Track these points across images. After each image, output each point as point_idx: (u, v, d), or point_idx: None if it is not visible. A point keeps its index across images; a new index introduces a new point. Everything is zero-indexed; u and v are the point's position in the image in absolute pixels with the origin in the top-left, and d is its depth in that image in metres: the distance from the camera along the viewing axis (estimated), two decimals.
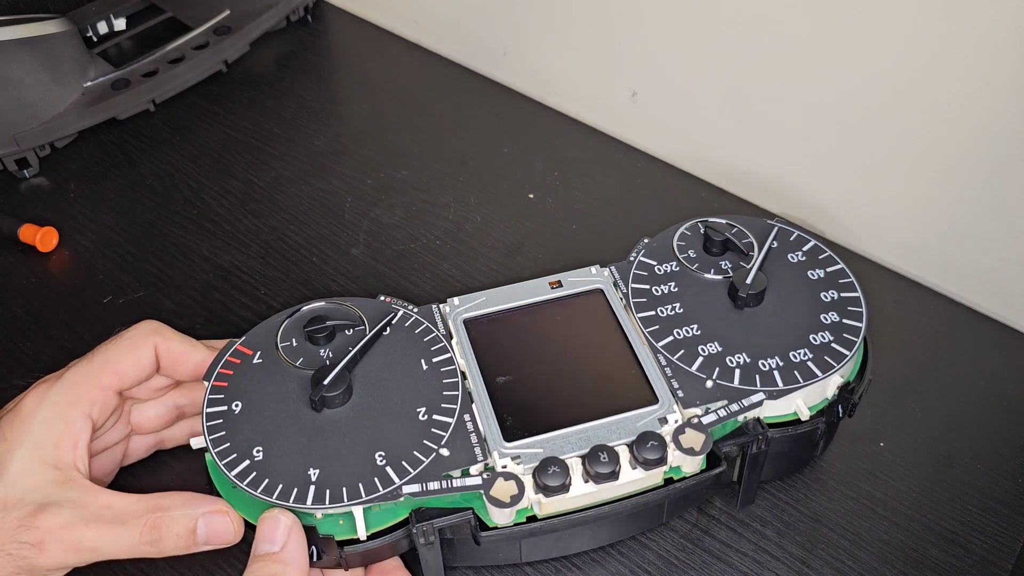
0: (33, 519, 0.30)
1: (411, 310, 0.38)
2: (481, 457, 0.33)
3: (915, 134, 0.46)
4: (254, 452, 0.32)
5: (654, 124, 0.56)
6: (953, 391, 0.44)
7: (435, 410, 0.34)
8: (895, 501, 0.39)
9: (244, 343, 0.36)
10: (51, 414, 0.33)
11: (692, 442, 0.33)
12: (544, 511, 0.33)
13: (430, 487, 0.32)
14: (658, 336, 0.37)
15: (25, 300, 0.47)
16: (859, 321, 0.37)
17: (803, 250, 0.40)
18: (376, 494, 0.31)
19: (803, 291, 0.38)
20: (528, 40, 0.59)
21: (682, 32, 0.51)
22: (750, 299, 0.37)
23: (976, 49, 0.41)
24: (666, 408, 0.34)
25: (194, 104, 0.58)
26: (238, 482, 0.32)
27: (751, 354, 0.36)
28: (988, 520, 0.38)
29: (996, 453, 0.41)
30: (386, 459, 0.32)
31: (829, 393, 0.36)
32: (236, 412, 0.34)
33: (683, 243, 0.41)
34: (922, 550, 0.37)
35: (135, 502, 0.32)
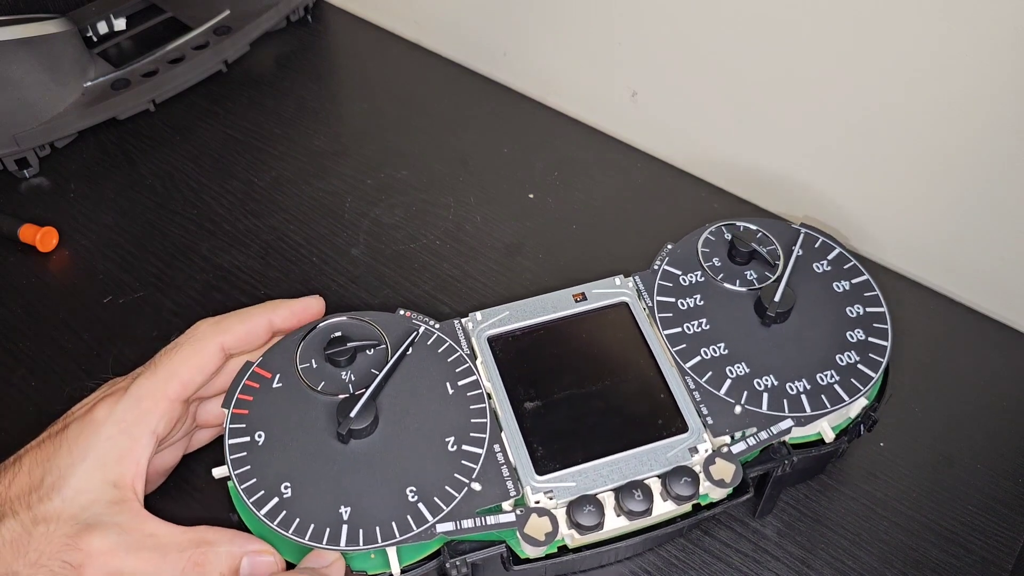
0: (78, 539, 0.30)
1: (433, 326, 0.37)
2: (513, 491, 0.32)
3: (915, 134, 0.46)
4: (282, 488, 0.32)
5: (654, 124, 0.56)
6: (953, 391, 0.44)
7: (464, 440, 0.33)
8: (895, 501, 0.39)
9: (262, 364, 0.35)
10: (116, 431, 0.32)
11: (722, 473, 0.32)
12: (576, 543, 0.32)
13: (464, 525, 0.31)
14: (685, 356, 0.36)
15: (25, 300, 0.47)
16: (884, 339, 0.37)
17: (828, 259, 0.39)
18: (410, 533, 0.31)
19: (829, 305, 0.38)
20: (528, 40, 0.59)
21: (682, 32, 0.51)
22: (778, 316, 0.36)
23: (976, 49, 0.41)
24: (696, 437, 0.34)
25: (194, 104, 0.58)
26: (268, 522, 0.31)
27: (778, 376, 0.35)
28: (988, 520, 0.38)
29: (996, 453, 0.41)
30: (418, 495, 0.32)
31: (853, 413, 0.36)
32: (260, 443, 0.33)
33: (707, 249, 0.40)
34: (922, 550, 0.37)
35: (179, 534, 0.31)
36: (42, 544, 0.30)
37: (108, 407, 0.32)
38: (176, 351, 0.34)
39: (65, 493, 0.31)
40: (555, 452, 0.33)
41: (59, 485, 0.31)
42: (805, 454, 0.35)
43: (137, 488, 0.32)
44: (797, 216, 0.53)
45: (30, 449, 0.33)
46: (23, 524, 0.30)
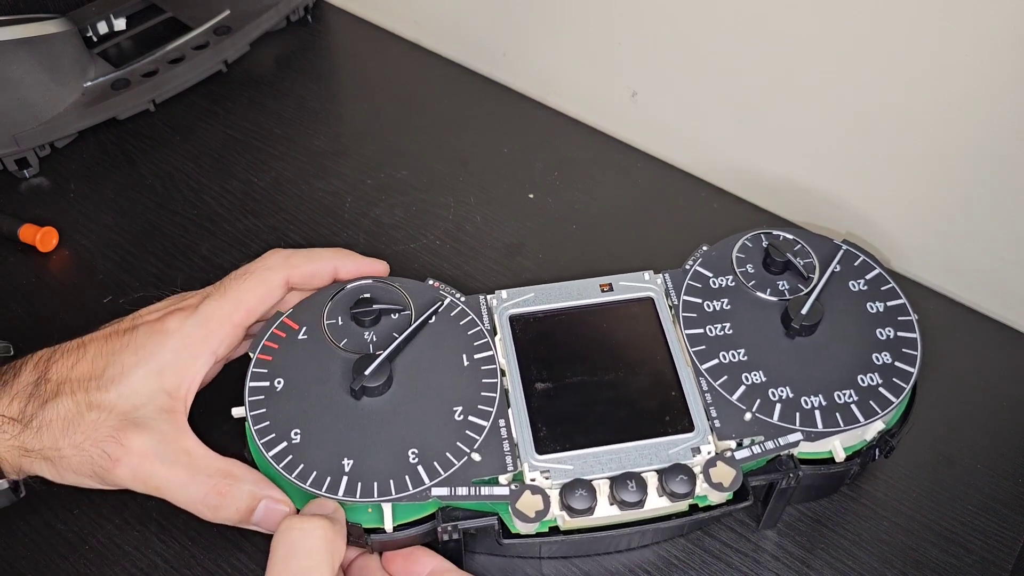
0: (121, 434, 0.32)
1: (458, 298, 0.38)
2: (511, 467, 0.33)
3: (914, 134, 0.46)
4: (292, 434, 0.33)
5: (654, 124, 0.56)
6: (953, 391, 0.44)
7: (471, 411, 0.34)
8: (895, 501, 0.39)
9: (291, 316, 0.36)
10: (182, 344, 0.34)
11: (722, 477, 0.32)
12: (567, 526, 0.33)
13: (458, 492, 0.32)
14: (703, 357, 0.36)
15: (25, 300, 0.47)
16: (912, 366, 0.35)
17: (866, 278, 0.38)
18: (405, 493, 0.32)
19: (859, 325, 0.37)
20: (528, 40, 0.59)
21: (682, 32, 0.51)
22: (803, 329, 0.36)
23: (976, 49, 0.41)
24: (700, 438, 0.33)
25: (194, 104, 0.58)
26: (275, 464, 0.32)
27: (795, 389, 0.35)
28: (988, 520, 0.38)
29: (996, 453, 0.41)
30: (418, 457, 0.33)
31: (869, 436, 0.35)
32: (278, 389, 0.34)
33: (742, 255, 0.39)
34: (922, 550, 0.37)
35: (212, 460, 0.33)
36: (90, 429, 0.32)
37: (179, 320, 0.34)
38: (245, 279, 0.36)
39: (122, 389, 0.33)
40: (558, 434, 0.34)
41: (118, 379, 0.33)
42: (813, 470, 0.34)
43: (188, 401, 0.34)
44: (797, 216, 0.53)
45: (96, 339, 0.34)
46: (78, 406, 0.32)
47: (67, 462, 0.32)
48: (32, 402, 0.32)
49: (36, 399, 0.32)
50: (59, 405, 0.32)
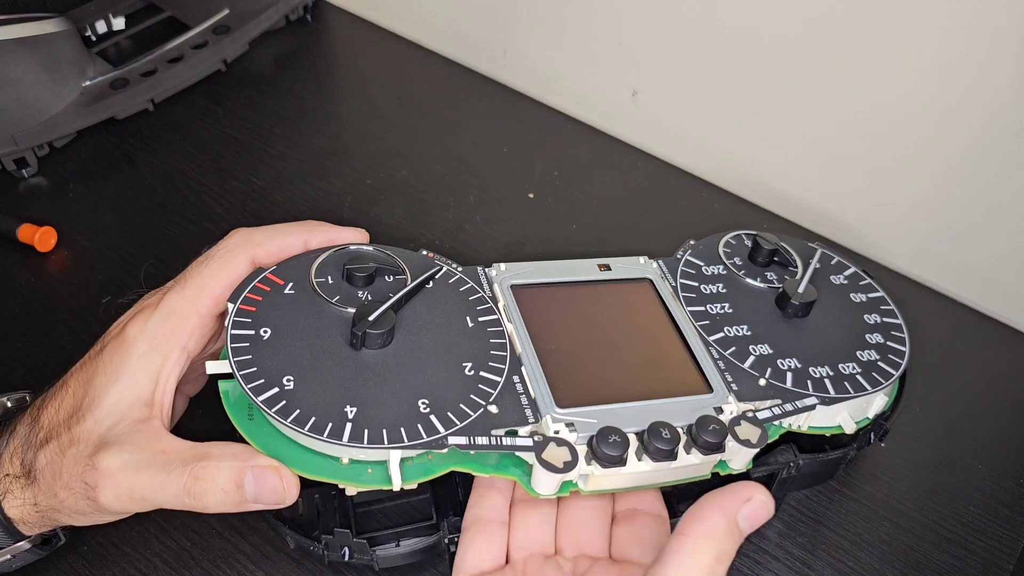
0: (94, 459, 0.29)
1: (456, 268, 0.36)
2: (532, 419, 0.31)
3: (915, 133, 0.46)
4: (284, 381, 0.30)
5: (654, 124, 0.56)
6: (955, 391, 0.43)
7: (482, 367, 0.32)
8: (896, 502, 0.39)
9: (275, 272, 0.34)
10: (147, 348, 0.31)
11: (748, 434, 0.32)
12: (589, 486, 0.31)
13: (478, 441, 0.30)
14: (709, 331, 0.36)
15: (24, 300, 0.46)
16: (903, 346, 0.37)
17: (844, 275, 0.40)
18: (419, 440, 0.29)
19: (847, 310, 0.38)
20: (528, 40, 0.59)
21: (683, 32, 0.51)
22: (801, 308, 0.37)
23: (977, 49, 0.41)
24: (721, 398, 0.33)
25: (193, 104, 0.58)
26: (266, 408, 0.29)
27: (802, 360, 0.35)
28: (989, 521, 0.38)
29: (997, 454, 0.41)
30: (430, 407, 0.30)
31: (872, 412, 0.36)
32: (265, 338, 0.31)
33: (728, 250, 0.40)
34: (923, 551, 0.37)
35: (185, 449, 0.30)
36: (71, 465, 0.30)
37: (140, 324, 0.32)
38: (207, 263, 0.33)
39: (97, 414, 0.30)
40: (577, 390, 0.32)
41: (94, 406, 0.30)
42: (812, 459, 0.35)
43: (164, 404, 0.31)
44: (799, 216, 0.53)
45: (74, 372, 0.32)
46: (60, 446, 0.30)
47: (67, 506, 0.30)
48: (28, 454, 0.31)
49: (31, 450, 0.31)
50: (47, 451, 0.30)
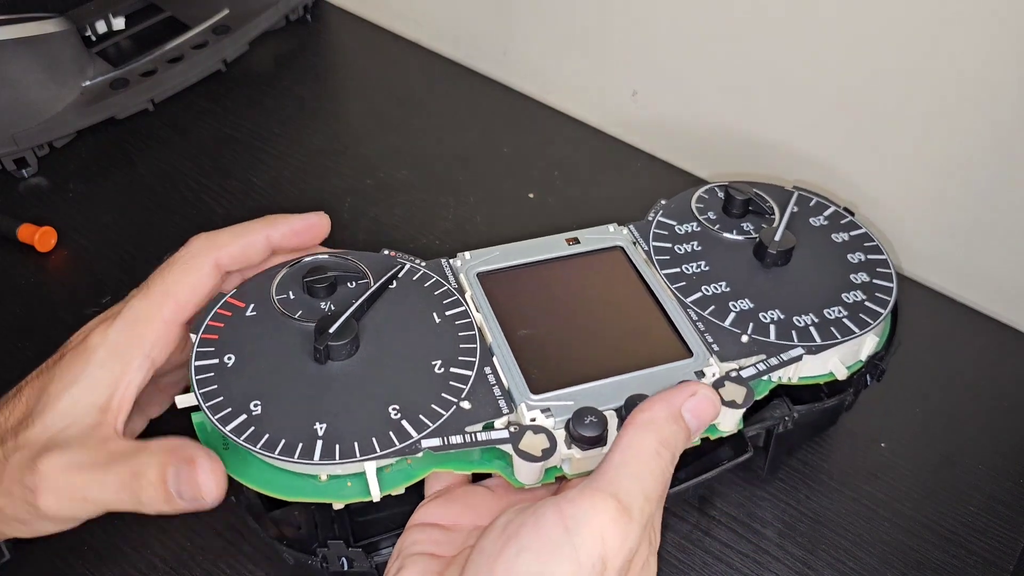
0: (36, 461, 0.28)
1: (419, 264, 0.36)
2: (506, 409, 0.30)
3: (917, 134, 0.46)
4: (251, 406, 0.30)
5: (655, 123, 0.56)
6: (954, 391, 0.43)
7: (452, 363, 0.32)
8: (896, 502, 0.39)
9: (235, 295, 0.33)
10: (108, 355, 0.30)
11: (733, 395, 0.31)
12: (574, 470, 0.31)
13: (452, 440, 0.29)
14: (685, 292, 0.35)
15: (23, 300, 0.46)
16: (889, 282, 0.36)
17: (824, 215, 0.39)
18: (392, 448, 0.29)
19: (829, 252, 0.37)
20: (528, 39, 0.59)
21: (683, 30, 0.51)
22: (779, 256, 0.36)
23: (981, 48, 0.41)
24: (702, 361, 0.32)
25: (193, 103, 0.58)
26: (234, 437, 0.29)
27: (784, 311, 0.34)
28: (989, 521, 0.38)
29: (997, 454, 0.41)
30: (401, 412, 0.30)
31: (864, 354, 0.35)
32: (229, 365, 0.31)
33: (701, 206, 0.39)
34: (923, 551, 0.37)
35: (129, 446, 0.29)
36: (12, 471, 0.29)
37: (102, 333, 0.31)
38: (169, 270, 0.32)
39: (47, 419, 0.29)
40: (551, 374, 0.32)
41: (44, 411, 0.30)
42: (807, 409, 0.34)
43: (121, 412, 0.30)
44: None
45: (30, 380, 0.31)
46: (5, 453, 0.29)
47: (6, 514, 0.29)
48: None
49: None
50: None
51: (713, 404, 0.28)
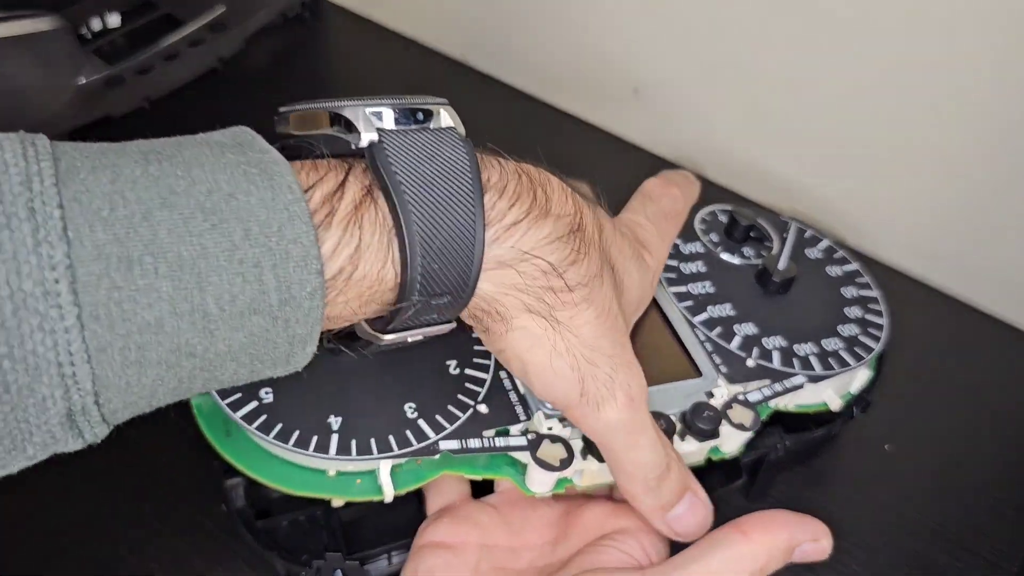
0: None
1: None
2: (523, 416, 0.31)
3: (920, 132, 0.45)
4: (262, 393, 0.29)
5: (656, 121, 0.56)
6: (960, 394, 0.43)
7: (467, 364, 0.32)
8: (900, 504, 0.39)
9: None
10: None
11: (742, 418, 0.32)
12: (585, 482, 0.31)
13: (470, 444, 0.29)
14: (693, 312, 0.36)
15: None
16: (881, 318, 0.37)
17: (819, 248, 0.40)
18: (410, 448, 0.28)
19: (825, 285, 0.38)
20: (529, 36, 0.59)
21: (685, 28, 0.51)
22: (783, 284, 0.37)
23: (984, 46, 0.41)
24: (711, 382, 0.33)
25: (189, 102, 0.58)
26: (246, 424, 0.28)
27: (787, 338, 0.35)
28: (994, 523, 0.38)
29: (1004, 456, 0.40)
30: (418, 412, 0.30)
31: (855, 387, 0.36)
32: None
33: (703, 227, 0.40)
34: (927, 554, 0.37)
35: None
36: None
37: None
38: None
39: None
40: None
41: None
42: (797, 438, 0.35)
43: None
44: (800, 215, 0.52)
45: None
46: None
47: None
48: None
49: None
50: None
51: (823, 555, 0.27)
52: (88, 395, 0.18)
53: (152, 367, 0.19)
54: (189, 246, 0.19)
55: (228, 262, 0.19)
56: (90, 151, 0.20)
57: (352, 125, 0.23)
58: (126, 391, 0.19)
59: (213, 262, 0.19)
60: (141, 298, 0.18)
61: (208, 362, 0.20)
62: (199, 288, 0.19)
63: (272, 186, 0.20)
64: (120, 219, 0.18)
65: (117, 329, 0.18)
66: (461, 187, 0.23)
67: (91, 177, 0.19)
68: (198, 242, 0.19)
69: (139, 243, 0.18)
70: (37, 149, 0.18)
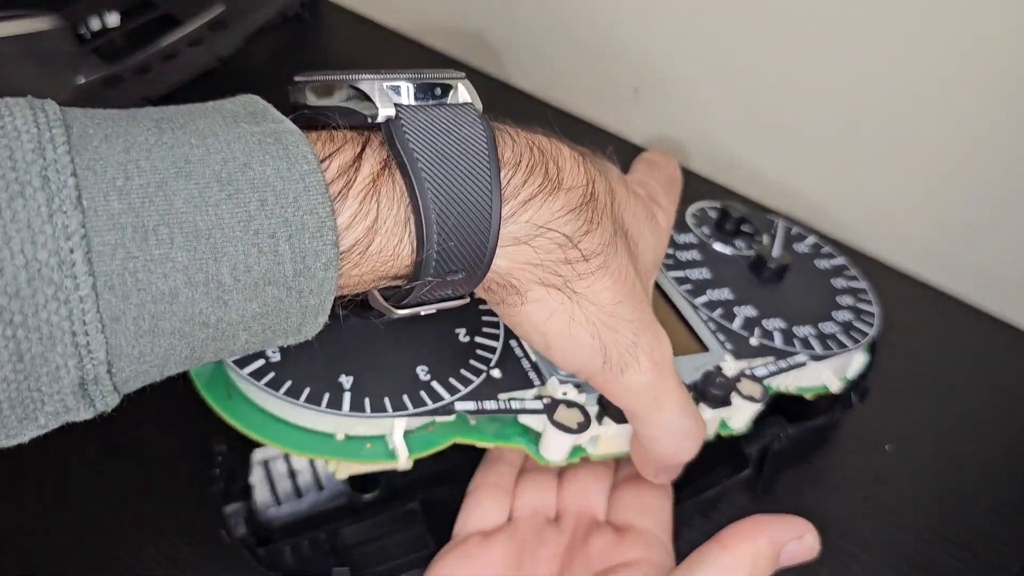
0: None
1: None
2: (537, 381, 0.30)
3: (919, 132, 0.45)
4: (268, 352, 0.28)
5: (656, 121, 0.56)
6: (960, 394, 0.43)
7: (477, 332, 0.31)
8: (901, 505, 0.39)
9: None
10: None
11: (751, 391, 0.32)
12: (600, 450, 0.31)
13: (486, 406, 0.29)
14: (693, 294, 0.37)
15: None
16: (871, 306, 0.38)
17: (806, 243, 0.41)
18: (425, 408, 0.28)
19: (816, 276, 0.39)
20: (529, 36, 0.58)
21: (685, 28, 0.51)
22: (777, 271, 0.38)
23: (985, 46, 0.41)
24: (718, 357, 0.34)
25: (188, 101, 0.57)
26: (254, 381, 0.27)
27: (786, 321, 0.36)
28: (995, 525, 0.38)
29: (1004, 456, 0.40)
30: (431, 374, 0.29)
31: (851, 372, 0.37)
32: None
33: (694, 221, 0.41)
34: (928, 554, 0.37)
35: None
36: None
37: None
38: None
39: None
40: None
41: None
42: (800, 427, 0.36)
43: None
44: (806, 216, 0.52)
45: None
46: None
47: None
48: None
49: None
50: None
51: (813, 553, 0.26)
52: (101, 364, 0.18)
53: (165, 336, 0.19)
54: (205, 216, 0.18)
55: (244, 232, 0.19)
56: (101, 118, 0.19)
57: (368, 98, 0.23)
58: (139, 360, 0.19)
59: (229, 232, 0.19)
60: (156, 268, 0.18)
61: (221, 332, 0.20)
62: (214, 258, 0.19)
63: (288, 156, 0.20)
64: (135, 188, 0.18)
65: (131, 299, 0.18)
66: (478, 165, 0.23)
67: (104, 145, 0.18)
68: (214, 212, 0.19)
69: (154, 213, 0.18)
70: (48, 115, 0.18)
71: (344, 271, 0.21)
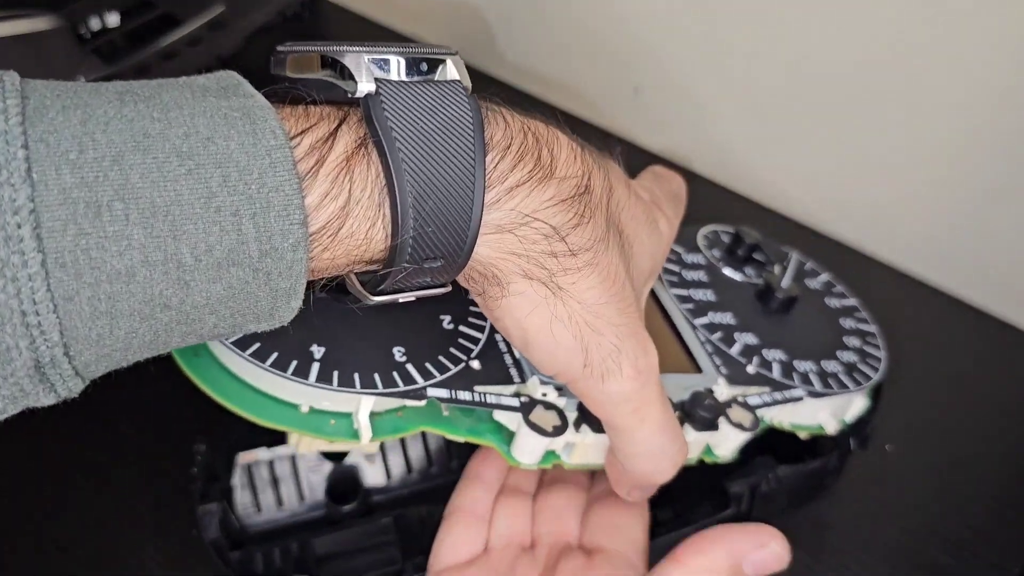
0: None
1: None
2: (517, 379, 0.29)
3: (920, 132, 0.45)
4: None
5: (656, 120, 0.56)
6: (961, 394, 0.43)
7: (463, 322, 0.30)
8: (901, 506, 0.39)
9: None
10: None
11: (741, 418, 0.31)
12: (574, 459, 0.30)
13: (460, 396, 0.27)
14: (694, 315, 0.35)
15: None
16: (878, 351, 0.37)
17: (819, 279, 0.40)
18: (396, 389, 0.26)
19: (824, 313, 0.38)
20: (529, 35, 0.58)
21: (685, 27, 0.51)
22: (785, 303, 0.36)
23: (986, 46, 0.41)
24: (711, 380, 0.32)
25: None
26: (222, 339, 0.26)
27: (787, 353, 0.35)
28: (996, 525, 0.38)
29: (1005, 457, 0.40)
30: (407, 356, 0.28)
31: (850, 415, 0.35)
32: None
33: (706, 243, 0.40)
34: (929, 555, 0.37)
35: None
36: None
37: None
38: None
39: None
40: None
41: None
42: (792, 469, 0.34)
43: None
44: (805, 215, 0.52)
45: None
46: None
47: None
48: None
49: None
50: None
51: (781, 562, 0.25)
52: (56, 346, 0.17)
53: (124, 318, 0.18)
54: (163, 192, 0.18)
55: (204, 210, 0.18)
56: (63, 90, 0.18)
57: (349, 72, 0.22)
58: (98, 343, 0.18)
59: (188, 209, 0.18)
60: (110, 245, 0.17)
61: (185, 315, 0.19)
62: (173, 236, 0.18)
63: (254, 131, 0.19)
64: (89, 162, 0.17)
65: (85, 278, 0.17)
66: (461, 146, 0.21)
67: (60, 117, 0.17)
68: (172, 188, 0.18)
69: (109, 188, 0.17)
70: (4, 85, 0.17)
71: (315, 254, 0.20)
